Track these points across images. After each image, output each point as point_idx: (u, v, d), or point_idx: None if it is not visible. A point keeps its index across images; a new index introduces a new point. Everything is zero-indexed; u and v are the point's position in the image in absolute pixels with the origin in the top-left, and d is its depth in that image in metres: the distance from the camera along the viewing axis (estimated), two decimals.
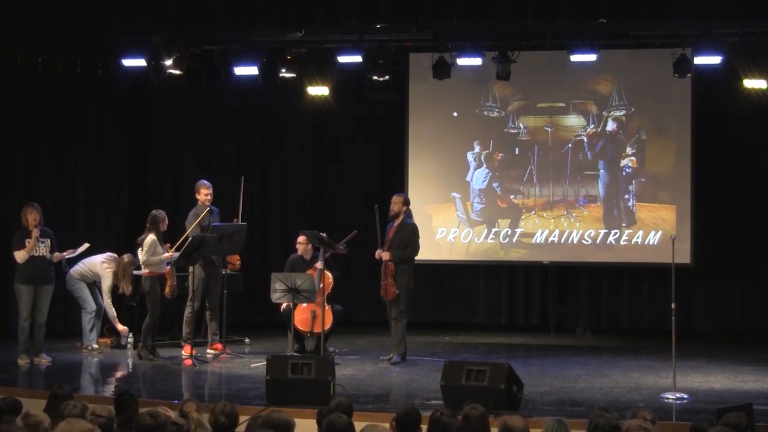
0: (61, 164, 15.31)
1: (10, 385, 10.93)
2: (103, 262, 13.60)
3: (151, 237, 12.61)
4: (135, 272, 13.28)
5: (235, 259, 13.83)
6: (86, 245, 12.95)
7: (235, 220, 13.20)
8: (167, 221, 12.84)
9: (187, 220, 13.12)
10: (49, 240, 12.60)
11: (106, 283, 13.51)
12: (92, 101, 15.41)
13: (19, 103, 14.85)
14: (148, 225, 12.72)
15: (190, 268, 12.90)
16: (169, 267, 12.67)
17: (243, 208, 13.50)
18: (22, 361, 12.42)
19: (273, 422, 6.48)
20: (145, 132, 16.35)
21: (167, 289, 12.70)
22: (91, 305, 13.56)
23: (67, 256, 12.92)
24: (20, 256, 12.48)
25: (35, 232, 12.43)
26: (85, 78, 14.88)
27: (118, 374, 12.42)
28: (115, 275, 13.39)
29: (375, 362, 12.62)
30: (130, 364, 12.86)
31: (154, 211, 12.81)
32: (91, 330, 13.59)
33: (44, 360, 12.58)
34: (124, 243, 13.72)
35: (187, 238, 12.65)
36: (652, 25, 13.48)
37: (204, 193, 13.20)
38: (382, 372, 12.05)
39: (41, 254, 12.53)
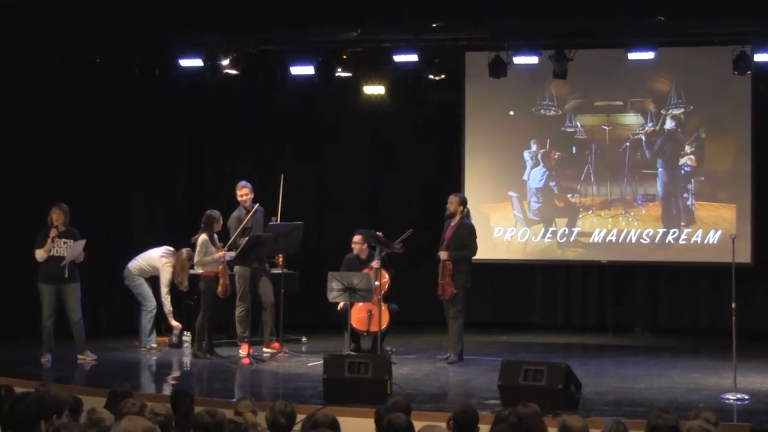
0: (117, 165, 15.42)
1: (68, 383, 11.05)
2: (161, 256, 13.66)
3: (203, 237, 12.66)
4: (191, 271, 13.34)
5: (278, 258, 13.84)
6: (83, 241, 12.75)
7: (273, 218, 13.17)
8: (222, 221, 12.88)
9: (228, 222, 13.15)
10: (72, 240, 12.53)
11: (165, 277, 13.57)
12: (149, 101, 15.49)
13: (76, 104, 14.95)
14: (202, 225, 12.77)
15: (235, 268, 12.93)
16: (222, 266, 12.70)
17: (282, 207, 13.44)
18: (45, 360, 12.43)
19: (319, 422, 6.48)
20: (202, 132, 16.44)
21: (220, 288, 12.73)
22: (151, 303, 13.62)
23: (68, 257, 12.53)
24: (38, 254, 12.49)
25: (53, 232, 12.42)
26: (142, 79, 14.94)
27: (175, 373, 12.49)
28: (174, 269, 13.44)
29: (432, 361, 12.59)
30: (187, 362, 12.91)
31: (208, 211, 12.86)
32: (150, 329, 13.65)
33: (89, 358, 12.62)
34: (181, 243, 13.75)
35: (236, 238, 12.73)
36: (711, 22, 13.29)
37: (239, 194, 13.21)
38: (438, 371, 12.02)
39: (61, 254, 12.50)
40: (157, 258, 13.67)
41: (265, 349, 13.17)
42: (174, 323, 13.75)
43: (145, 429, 5.44)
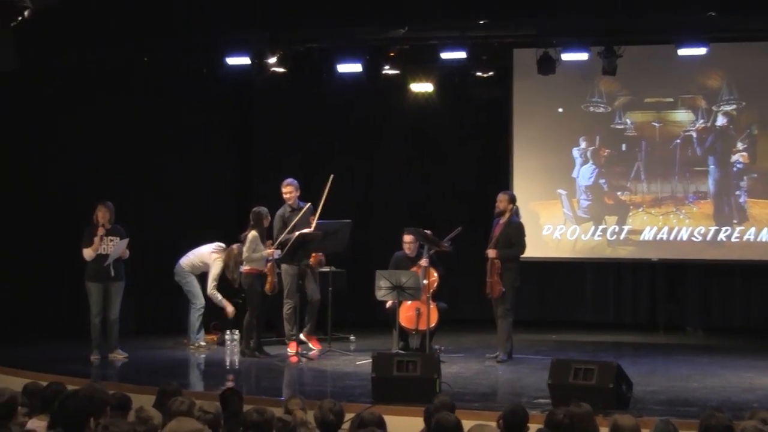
0: (164, 163, 15.49)
1: (117, 381, 11.12)
2: (212, 252, 13.71)
3: (252, 233, 12.68)
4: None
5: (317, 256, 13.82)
6: (126, 240, 12.74)
7: (311, 218, 13.15)
8: (270, 218, 12.90)
9: (274, 220, 13.18)
10: (118, 238, 12.59)
11: (214, 271, 13.59)
12: (197, 100, 15.55)
13: (123, 103, 15.03)
14: (251, 222, 12.80)
15: (282, 266, 12.96)
16: (270, 264, 12.72)
17: (325, 206, 13.36)
18: (93, 357, 12.51)
19: (366, 421, 6.47)
20: (248, 130, 16.49)
21: (267, 286, 12.76)
22: (200, 301, 13.66)
23: (112, 257, 12.61)
24: (87, 253, 12.55)
25: (100, 231, 12.48)
26: (189, 77, 15.00)
27: (224, 371, 12.52)
28: (226, 265, 13.47)
29: (481, 360, 12.55)
30: (236, 361, 12.94)
31: (257, 208, 12.88)
32: (198, 327, 13.69)
33: (120, 356, 12.68)
34: (230, 241, 13.78)
35: (283, 236, 12.76)
36: (763, 17, 13.13)
37: (284, 191, 13.20)
38: (488, 370, 11.98)
39: (108, 252, 12.54)
40: (207, 254, 13.71)
41: (301, 336, 13.11)
42: (230, 309, 13.66)
43: (193, 430, 5.44)
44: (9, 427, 6.53)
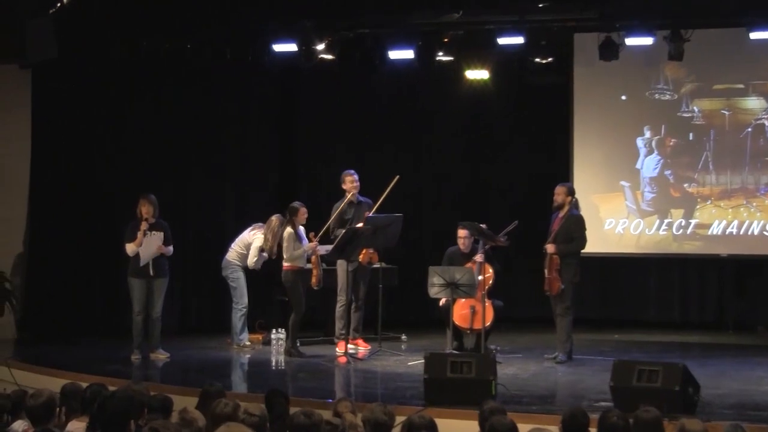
0: (207, 155, 15.55)
1: (158, 382, 11.20)
2: (251, 230, 13.72)
3: (288, 231, 12.68)
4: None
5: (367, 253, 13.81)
6: (160, 235, 12.69)
7: (366, 213, 13.15)
8: (305, 212, 12.85)
9: (331, 211, 13.21)
10: (162, 233, 12.65)
11: (255, 245, 13.55)
12: (241, 89, 15.62)
13: (165, 92, 15.12)
14: (288, 217, 12.82)
15: (338, 261, 12.99)
16: (314, 257, 12.74)
17: (381, 204, 13.36)
18: (135, 357, 12.59)
19: (416, 425, 6.47)
20: (294, 121, 16.52)
21: (314, 280, 12.80)
22: (243, 301, 13.69)
23: (144, 256, 12.64)
24: (130, 248, 12.60)
25: (143, 225, 12.54)
26: (234, 65, 15.06)
27: (269, 372, 12.57)
28: (264, 237, 13.48)
29: (539, 361, 12.50)
30: (281, 361, 12.99)
31: (292, 204, 12.89)
32: (242, 328, 13.74)
33: (161, 356, 12.74)
34: None
35: (329, 228, 12.82)
36: None
37: (349, 181, 13.26)
38: (546, 371, 11.94)
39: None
40: (247, 235, 13.72)
41: (349, 345, 13.16)
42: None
43: None
44: (50, 429, 6.59)
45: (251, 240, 13.68)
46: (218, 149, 15.65)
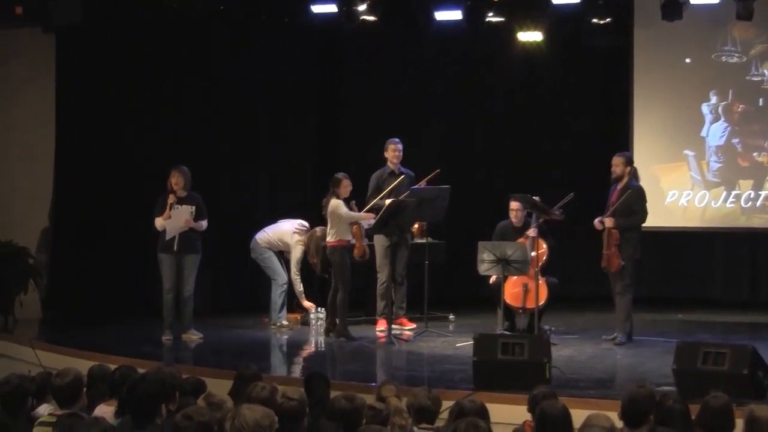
0: (241, 125, 15.58)
1: (190, 364, 11.25)
2: (294, 232, 13.75)
3: (335, 201, 12.63)
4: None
5: (415, 228, 13.81)
6: (187, 208, 12.70)
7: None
8: (349, 185, 12.83)
9: (370, 183, 13.21)
10: (194, 207, 12.64)
11: (295, 256, 13.67)
12: (277, 53, 15.60)
13: (196, 57, 15.13)
14: (330, 188, 12.80)
15: (375, 237, 13.05)
16: (355, 226, 12.74)
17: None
18: (166, 338, 12.65)
19: (466, 409, 6.46)
20: (336, 85, 16.52)
21: (356, 251, 12.82)
22: (282, 277, 13.73)
23: (170, 230, 12.67)
24: (159, 222, 12.61)
25: (171, 198, 12.54)
26: (270, 27, 15.05)
27: (308, 353, 12.60)
28: (307, 249, 13.54)
29: (596, 342, 12.48)
30: (321, 342, 13.01)
31: (337, 174, 12.87)
32: (281, 305, 13.77)
33: (194, 336, 12.79)
34: (311, 205, 13.88)
35: (376, 201, 12.87)
36: None
37: (391, 149, 13.32)
38: (604, 353, 11.91)
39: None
40: (288, 234, 13.75)
41: (393, 325, 13.16)
42: (307, 304, 13.86)
43: (260, 419, 5.48)
44: (77, 413, 6.63)
45: (292, 243, 13.69)
46: (252, 118, 15.65)
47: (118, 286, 14.65)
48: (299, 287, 13.77)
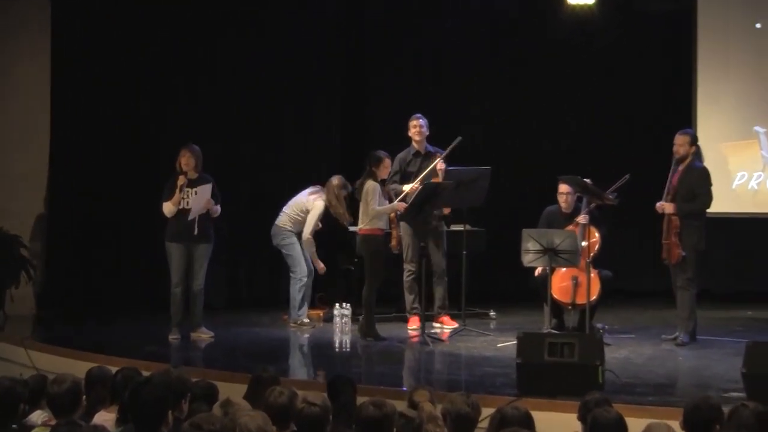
0: (261, 98, 15.59)
1: (201, 366, 11.28)
2: (310, 194, 13.69)
3: (371, 183, 12.61)
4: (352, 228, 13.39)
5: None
6: (209, 186, 12.67)
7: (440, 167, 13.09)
8: (390, 165, 12.80)
9: (392, 165, 13.20)
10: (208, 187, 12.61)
11: (314, 214, 13.46)
12: (299, 17, 15.69)
13: (209, 19, 15.23)
14: (367, 167, 12.74)
15: (401, 224, 13.04)
16: (393, 215, 12.75)
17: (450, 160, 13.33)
18: (173, 337, 12.64)
19: (509, 418, 6.45)
20: (362, 55, 16.54)
21: (393, 242, 12.83)
22: (302, 269, 13.68)
23: (195, 209, 12.60)
24: (167, 208, 12.59)
25: (181, 180, 12.52)
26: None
27: (332, 354, 12.59)
28: (328, 202, 13.50)
29: (656, 342, 12.44)
30: (346, 342, 13.02)
31: (375, 152, 12.80)
32: (302, 301, 13.76)
33: (204, 335, 12.79)
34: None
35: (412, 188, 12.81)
36: None
37: (412, 126, 13.33)
38: (664, 355, 11.86)
39: (191, 206, 12.59)
40: (305, 199, 13.67)
41: (434, 324, 13.18)
42: (320, 265, 13.71)
43: (262, 425, 5.50)
44: (75, 422, 6.64)
45: (309, 205, 13.64)
46: (272, 91, 15.64)
47: (120, 279, 14.72)
48: (313, 246, 13.66)
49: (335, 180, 13.46)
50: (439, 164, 13.00)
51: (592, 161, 15.26)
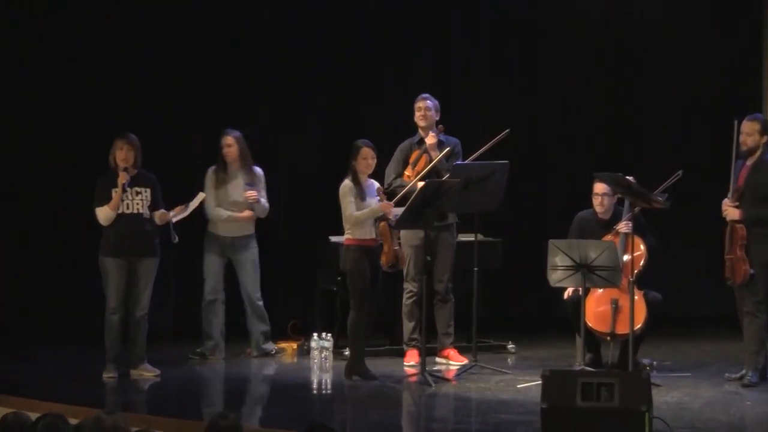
0: (244, 80, 15.90)
1: (142, 411, 11.33)
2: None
3: (345, 184, 12.55)
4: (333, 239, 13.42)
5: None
6: (202, 195, 13.00)
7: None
8: (373, 156, 12.70)
9: (394, 154, 13.34)
10: (148, 190, 12.66)
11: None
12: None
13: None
14: (350, 162, 12.74)
15: (402, 233, 13.07)
16: (382, 224, 12.63)
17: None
18: (108, 375, 12.63)
19: None
20: (352, 36, 16.72)
21: (384, 257, 12.74)
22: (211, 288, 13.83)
23: (175, 218, 12.76)
24: (104, 214, 12.58)
25: (122, 177, 12.52)
26: None
27: (311, 396, 12.58)
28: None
29: (717, 383, 12.44)
30: (327, 381, 13.02)
31: (356, 141, 12.77)
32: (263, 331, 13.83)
33: (147, 373, 12.81)
34: (320, 183, 13.98)
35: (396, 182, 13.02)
36: None
37: (416, 108, 13.42)
38: (728, 399, 11.82)
39: (136, 211, 12.61)
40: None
41: (437, 359, 13.21)
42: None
43: None
44: None
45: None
46: (261, 75, 15.96)
47: (42, 302, 14.72)
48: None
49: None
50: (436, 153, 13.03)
51: (636, 155, 15.31)
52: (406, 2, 16.25)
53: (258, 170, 13.75)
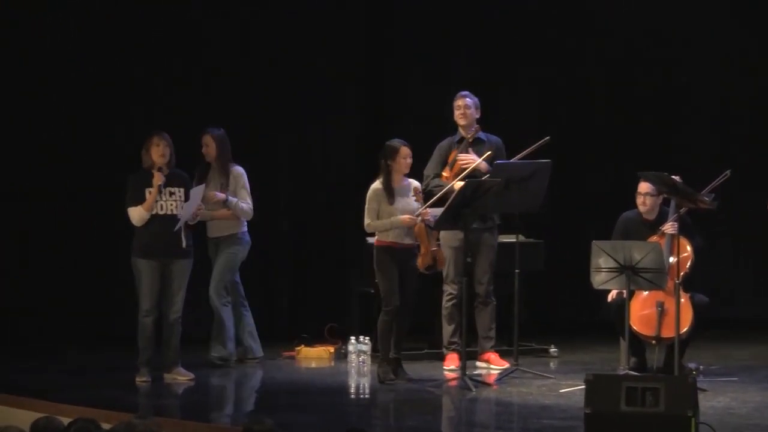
0: (268, 76, 15.84)
1: (175, 415, 11.33)
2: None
3: (375, 187, 12.51)
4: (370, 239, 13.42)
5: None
6: (201, 188, 12.89)
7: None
8: (409, 155, 12.66)
9: (433, 153, 13.31)
10: (182, 189, 12.65)
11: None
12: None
13: None
14: (382, 163, 12.67)
15: (441, 234, 13.04)
16: (419, 226, 12.57)
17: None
18: (141, 379, 12.65)
19: None
20: (384, 31, 16.73)
21: (421, 259, 12.73)
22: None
23: (184, 216, 12.59)
24: (137, 214, 12.56)
25: (158, 178, 12.50)
26: None
27: (348, 401, 12.59)
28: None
29: (765, 387, 12.39)
30: (365, 385, 13.03)
31: (389, 142, 12.73)
32: (241, 333, 13.87)
33: (181, 377, 12.83)
34: (352, 182, 13.99)
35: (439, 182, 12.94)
36: None
37: (455, 107, 13.34)
38: None
39: (170, 212, 12.60)
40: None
41: (478, 363, 13.21)
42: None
43: None
44: None
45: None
46: (290, 72, 15.94)
47: (73, 306, 14.71)
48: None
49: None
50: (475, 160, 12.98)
51: (682, 152, 15.26)
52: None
53: (237, 170, 13.51)
